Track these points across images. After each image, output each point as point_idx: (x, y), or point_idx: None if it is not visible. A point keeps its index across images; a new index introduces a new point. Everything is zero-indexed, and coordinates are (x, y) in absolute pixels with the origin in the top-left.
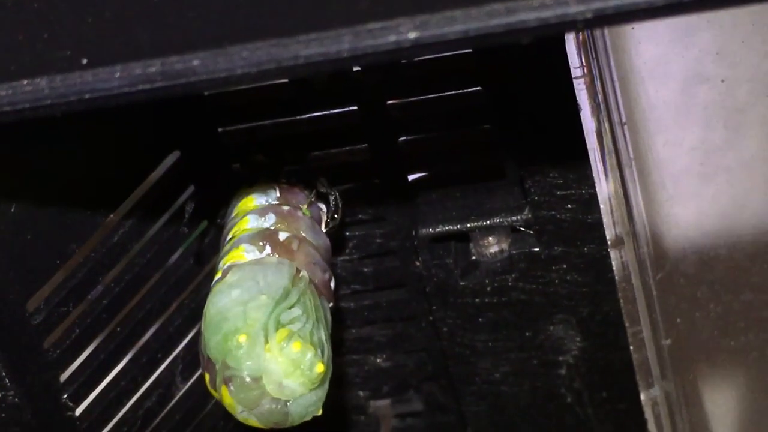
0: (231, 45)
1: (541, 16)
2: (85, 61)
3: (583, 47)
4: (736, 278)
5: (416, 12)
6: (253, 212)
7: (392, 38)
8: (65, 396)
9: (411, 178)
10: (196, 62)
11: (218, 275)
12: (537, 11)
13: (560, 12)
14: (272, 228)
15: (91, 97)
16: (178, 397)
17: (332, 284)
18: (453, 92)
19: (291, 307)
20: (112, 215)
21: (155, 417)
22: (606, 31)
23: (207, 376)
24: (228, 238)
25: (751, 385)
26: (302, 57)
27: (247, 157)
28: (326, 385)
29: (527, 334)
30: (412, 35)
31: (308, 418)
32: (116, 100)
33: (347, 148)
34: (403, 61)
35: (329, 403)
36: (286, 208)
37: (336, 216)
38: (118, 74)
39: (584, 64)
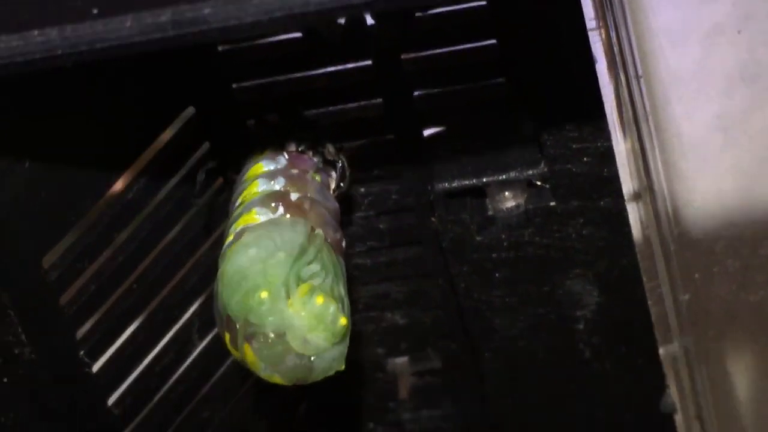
0: None
1: None
2: (95, 11)
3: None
4: (754, 233)
5: None
6: (263, 176)
7: None
8: (82, 352)
9: (426, 133)
10: (206, 11)
11: (230, 238)
12: None
13: None
14: (283, 190)
15: (102, 47)
16: (195, 354)
17: (343, 245)
18: (468, 46)
19: (309, 263)
20: (127, 171)
21: (172, 374)
22: None
23: (227, 336)
24: (237, 203)
25: None
26: (313, 4)
27: (260, 116)
28: (347, 340)
29: (544, 289)
30: None
31: (331, 373)
32: (127, 50)
33: (362, 103)
34: (418, 13)
35: (347, 360)
36: (295, 171)
37: (343, 183)
38: (128, 23)
39: (600, 16)
